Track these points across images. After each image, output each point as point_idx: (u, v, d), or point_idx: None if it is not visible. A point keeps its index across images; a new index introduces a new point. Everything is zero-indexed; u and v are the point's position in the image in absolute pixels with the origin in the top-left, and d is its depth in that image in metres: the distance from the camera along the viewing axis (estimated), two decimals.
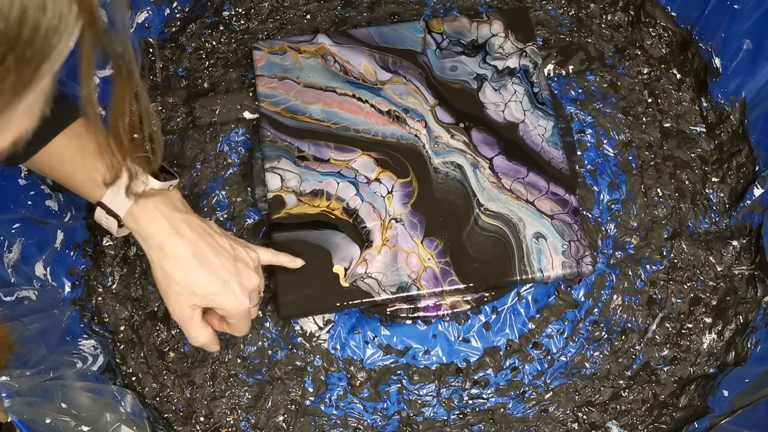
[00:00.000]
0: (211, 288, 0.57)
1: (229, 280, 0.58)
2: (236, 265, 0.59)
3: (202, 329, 0.60)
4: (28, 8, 0.26)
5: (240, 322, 0.61)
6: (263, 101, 0.70)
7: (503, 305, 0.71)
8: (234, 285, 0.58)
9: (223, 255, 0.58)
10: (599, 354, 0.70)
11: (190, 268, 0.57)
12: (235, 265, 0.59)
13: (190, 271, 0.57)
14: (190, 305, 0.58)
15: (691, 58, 0.78)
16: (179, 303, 0.58)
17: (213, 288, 0.57)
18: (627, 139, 0.76)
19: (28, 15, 0.26)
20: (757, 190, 0.72)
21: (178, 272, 0.57)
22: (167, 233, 0.57)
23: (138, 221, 0.57)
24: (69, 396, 0.57)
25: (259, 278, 0.61)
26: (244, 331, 0.63)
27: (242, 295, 0.59)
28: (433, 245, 0.66)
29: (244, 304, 0.59)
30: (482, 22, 0.74)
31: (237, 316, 0.60)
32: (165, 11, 0.78)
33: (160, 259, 0.57)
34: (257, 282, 0.60)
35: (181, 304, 0.58)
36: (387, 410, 0.68)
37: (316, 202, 0.67)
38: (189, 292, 0.57)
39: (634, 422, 0.68)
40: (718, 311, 0.71)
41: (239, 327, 0.62)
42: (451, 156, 0.69)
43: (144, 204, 0.57)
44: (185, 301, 0.58)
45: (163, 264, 0.57)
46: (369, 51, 0.73)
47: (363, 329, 0.70)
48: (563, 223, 0.67)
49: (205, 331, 0.60)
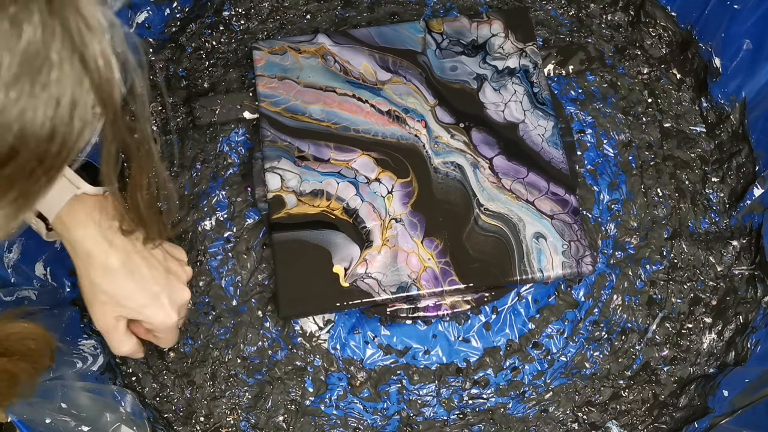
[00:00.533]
0: (139, 300, 0.56)
1: (159, 293, 0.56)
2: (168, 278, 0.57)
3: (126, 339, 0.58)
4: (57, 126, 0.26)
5: (167, 335, 0.60)
6: (263, 101, 0.70)
7: (503, 305, 0.71)
8: (164, 298, 0.57)
9: (155, 267, 0.57)
10: (599, 354, 0.70)
11: (119, 278, 0.55)
12: (166, 277, 0.57)
13: (118, 281, 0.55)
14: (115, 316, 0.56)
15: (691, 58, 0.78)
16: (104, 313, 0.56)
17: (141, 300, 0.56)
18: (627, 139, 0.76)
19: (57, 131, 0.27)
20: (757, 190, 0.72)
21: (106, 282, 0.55)
22: (96, 242, 0.54)
23: (67, 226, 0.54)
24: (69, 396, 0.57)
25: (189, 293, 0.59)
26: (170, 344, 0.62)
27: (171, 309, 0.57)
28: (433, 245, 0.66)
29: (172, 319, 0.58)
30: (482, 22, 0.74)
31: (164, 330, 0.59)
32: (165, 11, 0.78)
33: (87, 268, 0.54)
34: (188, 296, 0.59)
35: (106, 315, 0.56)
36: (387, 410, 0.68)
37: (316, 202, 0.67)
38: (116, 303, 0.55)
39: (634, 422, 0.68)
40: (718, 311, 0.71)
41: (165, 340, 0.61)
42: (451, 156, 0.69)
43: (74, 209, 0.54)
44: (110, 312, 0.56)
45: (90, 273, 0.54)
46: (369, 51, 0.73)
47: (363, 329, 0.70)
48: (563, 223, 0.67)
49: (129, 341, 0.59)
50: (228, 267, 0.71)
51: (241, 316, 0.70)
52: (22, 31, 0.25)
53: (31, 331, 0.46)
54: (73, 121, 0.27)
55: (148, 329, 0.60)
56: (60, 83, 0.26)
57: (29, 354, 0.45)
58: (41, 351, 0.47)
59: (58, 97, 0.26)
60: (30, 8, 0.25)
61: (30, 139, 0.26)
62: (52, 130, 0.26)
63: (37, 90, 0.25)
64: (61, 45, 0.26)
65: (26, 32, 0.25)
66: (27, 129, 0.26)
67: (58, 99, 0.26)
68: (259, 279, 0.71)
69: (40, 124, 0.26)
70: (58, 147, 0.27)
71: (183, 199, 0.73)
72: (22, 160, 0.26)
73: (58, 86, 0.26)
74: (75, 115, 0.27)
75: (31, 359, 0.46)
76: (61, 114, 0.26)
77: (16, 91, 0.25)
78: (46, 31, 0.25)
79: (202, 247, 0.71)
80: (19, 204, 0.28)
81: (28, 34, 0.25)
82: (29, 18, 0.25)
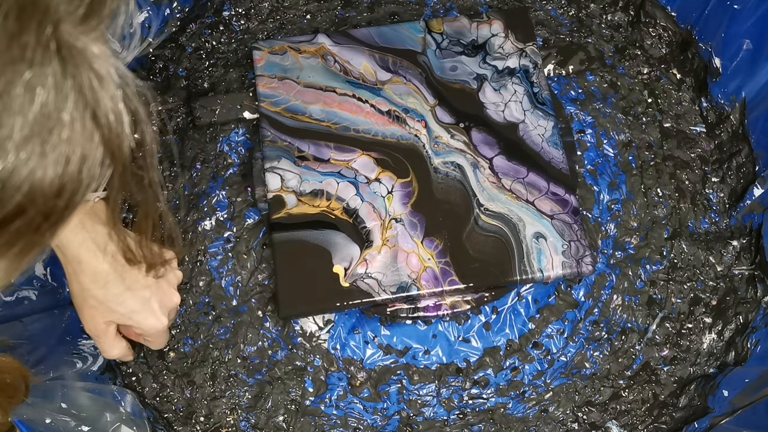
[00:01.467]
0: (129, 305, 0.56)
1: (149, 298, 0.57)
2: (158, 283, 0.57)
3: (116, 343, 0.58)
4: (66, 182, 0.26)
5: (158, 338, 0.60)
6: (263, 101, 0.70)
7: (503, 305, 0.71)
8: (154, 303, 0.57)
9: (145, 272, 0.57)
10: (599, 354, 0.70)
11: (109, 283, 0.54)
12: (156, 282, 0.57)
13: (108, 287, 0.54)
14: (105, 320, 0.56)
15: (691, 58, 0.78)
16: (93, 318, 0.56)
17: (132, 306, 0.56)
18: (627, 139, 0.76)
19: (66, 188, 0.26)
20: (757, 190, 0.72)
21: (96, 287, 0.54)
22: (87, 247, 0.54)
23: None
24: (69, 396, 0.57)
25: (179, 297, 0.60)
26: (160, 346, 0.62)
27: (161, 314, 0.57)
28: (433, 245, 0.66)
29: (162, 323, 0.58)
30: (482, 22, 0.74)
31: (156, 334, 0.59)
32: (165, 11, 0.78)
33: (77, 273, 0.54)
34: (177, 300, 0.59)
35: (95, 319, 0.56)
36: (387, 410, 0.68)
37: (316, 202, 0.67)
38: (106, 308, 0.55)
39: (634, 422, 0.68)
40: (718, 311, 0.71)
41: (156, 342, 0.61)
42: (451, 156, 0.69)
43: None
44: (100, 317, 0.56)
45: (80, 278, 0.54)
46: (369, 51, 0.73)
47: (363, 329, 0.70)
48: (563, 223, 0.67)
49: (119, 345, 0.59)
50: (228, 267, 0.71)
51: (241, 316, 0.70)
52: (35, 95, 0.24)
53: (7, 365, 0.45)
54: (81, 176, 0.27)
55: (137, 332, 0.61)
56: (71, 142, 0.26)
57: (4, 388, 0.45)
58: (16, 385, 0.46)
59: (68, 155, 0.26)
60: (45, 72, 0.24)
61: (38, 197, 0.26)
62: (60, 187, 0.26)
63: (48, 150, 0.25)
64: (74, 106, 0.25)
65: (39, 96, 0.24)
66: (36, 187, 0.25)
67: (68, 157, 0.26)
68: (259, 279, 0.71)
69: (50, 183, 0.25)
70: (65, 202, 0.27)
71: (183, 199, 0.73)
72: (29, 217, 0.26)
73: (69, 145, 0.26)
74: (84, 170, 0.27)
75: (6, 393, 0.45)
76: (70, 171, 0.26)
77: (26, 152, 0.25)
78: (59, 94, 0.25)
79: (202, 247, 0.71)
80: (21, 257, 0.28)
81: (42, 97, 0.24)
82: (43, 82, 0.24)
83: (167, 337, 0.62)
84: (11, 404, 0.47)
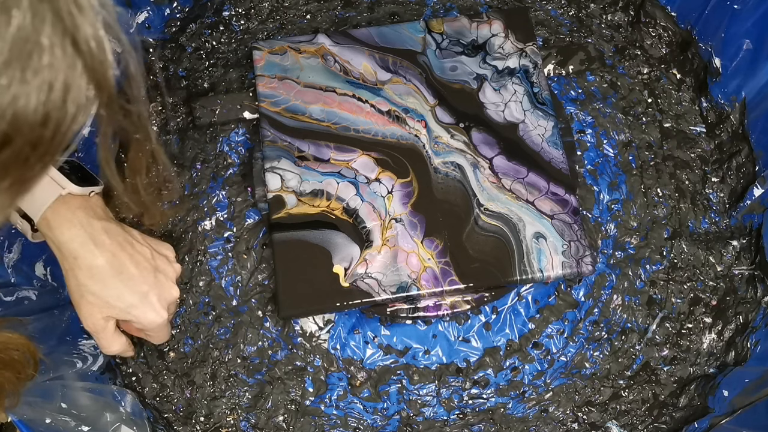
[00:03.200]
0: (127, 300, 0.55)
1: (148, 292, 0.56)
2: (156, 277, 0.57)
3: (115, 339, 0.58)
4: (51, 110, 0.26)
5: (158, 333, 0.60)
6: (263, 101, 0.70)
7: (503, 305, 0.71)
8: (152, 297, 0.56)
9: (143, 266, 0.56)
10: (599, 354, 0.70)
11: (106, 279, 0.54)
12: (155, 276, 0.57)
13: (105, 282, 0.54)
14: (103, 316, 0.56)
15: (691, 58, 0.78)
16: (92, 314, 0.56)
17: (130, 300, 0.55)
18: (627, 139, 0.76)
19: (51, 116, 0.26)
20: (757, 190, 0.72)
21: (93, 283, 0.54)
22: (82, 242, 0.53)
23: (52, 227, 0.53)
24: (69, 396, 0.57)
25: (178, 290, 0.59)
26: (162, 341, 0.62)
27: (161, 308, 0.57)
28: (433, 245, 0.66)
29: (162, 317, 0.57)
30: (482, 22, 0.74)
31: (155, 329, 0.58)
32: (165, 11, 0.78)
33: (74, 269, 0.54)
34: (177, 294, 0.59)
35: (93, 315, 0.56)
36: (387, 410, 0.68)
37: (316, 202, 0.67)
38: (104, 303, 0.55)
39: (634, 422, 0.68)
40: (718, 311, 0.71)
41: (157, 337, 0.61)
42: (451, 156, 0.69)
43: (59, 209, 0.53)
44: (99, 312, 0.55)
45: (77, 274, 0.54)
46: (369, 51, 0.73)
47: (363, 329, 0.70)
48: (563, 223, 0.67)
49: (119, 341, 0.58)
50: (228, 267, 0.71)
51: (241, 316, 0.70)
52: (11, 17, 0.24)
53: (14, 341, 0.45)
54: (66, 105, 0.27)
55: (139, 328, 0.60)
56: (52, 68, 0.26)
57: (13, 364, 0.45)
58: (25, 361, 0.46)
59: (50, 82, 0.26)
60: None
61: (23, 125, 0.26)
62: (45, 115, 0.26)
63: (29, 76, 0.25)
64: (52, 29, 0.25)
65: (15, 18, 0.24)
66: (20, 115, 0.25)
67: (51, 84, 0.26)
68: (259, 279, 0.71)
69: (33, 110, 0.26)
70: (51, 132, 0.27)
71: (183, 199, 0.73)
72: (16, 147, 0.26)
73: (51, 71, 0.26)
74: (68, 99, 0.27)
75: (14, 369, 0.45)
76: (54, 99, 0.26)
77: (7, 77, 0.25)
78: (36, 16, 0.25)
79: (202, 247, 0.71)
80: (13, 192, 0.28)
81: (18, 19, 0.24)
82: (18, 3, 0.24)
83: (169, 331, 0.61)
84: (20, 380, 0.47)
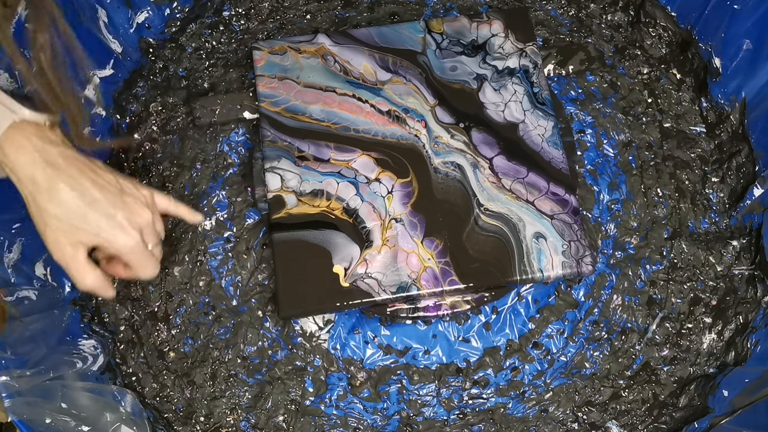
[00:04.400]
0: (93, 221, 0.53)
1: (115, 213, 0.53)
2: (123, 199, 0.54)
3: (88, 270, 0.54)
4: None
5: (139, 260, 0.56)
6: (263, 101, 0.70)
7: (503, 305, 0.71)
8: (120, 218, 0.54)
9: (107, 189, 0.54)
10: (599, 354, 0.70)
11: (67, 201, 0.52)
12: (121, 198, 0.54)
13: (67, 204, 0.52)
14: (71, 242, 0.53)
15: (691, 58, 0.78)
16: (58, 241, 0.53)
17: (95, 221, 0.53)
18: (627, 139, 0.76)
19: None
20: (757, 190, 0.72)
21: (54, 206, 0.52)
22: (40, 166, 0.52)
23: (6, 153, 0.52)
24: (69, 396, 0.57)
25: (152, 214, 0.56)
26: (148, 271, 0.57)
27: (131, 229, 0.54)
28: (433, 245, 0.66)
29: (134, 239, 0.54)
30: (482, 22, 0.74)
31: (132, 253, 0.55)
32: (165, 11, 0.78)
33: (33, 194, 0.52)
34: (149, 217, 0.56)
35: (59, 242, 0.53)
36: (387, 410, 0.68)
37: (316, 202, 0.67)
38: (69, 226, 0.52)
39: (634, 422, 0.68)
40: (718, 311, 0.71)
41: (140, 266, 0.57)
42: (451, 156, 0.69)
43: (13, 136, 0.52)
44: (65, 238, 0.53)
45: (37, 198, 0.52)
46: (369, 51, 0.73)
47: (363, 329, 0.70)
48: (563, 223, 0.67)
49: (92, 272, 0.55)
50: (228, 267, 0.71)
51: (241, 316, 0.70)
52: None
53: None
54: None
55: (124, 266, 0.58)
56: None
57: None
58: None
59: None
60: None
61: None
62: None
63: None
64: None
65: None
66: None
67: None
68: (259, 279, 0.71)
69: None
70: None
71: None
72: None
73: None
74: None
75: None
76: None
77: None
78: None
79: (202, 247, 0.71)
80: None
81: None
82: None
83: (154, 263, 0.57)
84: None
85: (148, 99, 0.76)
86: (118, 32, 0.74)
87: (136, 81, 0.76)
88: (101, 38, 0.72)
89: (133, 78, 0.76)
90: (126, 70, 0.76)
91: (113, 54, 0.74)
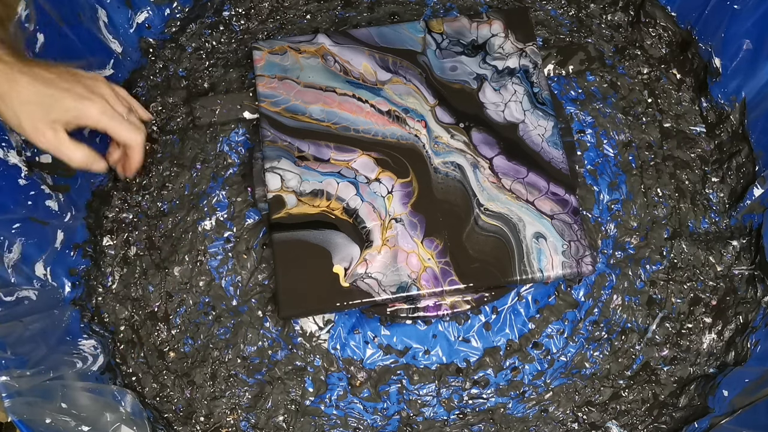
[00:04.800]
0: (57, 96, 0.57)
1: (73, 87, 0.58)
2: (74, 75, 0.59)
3: (75, 146, 0.59)
4: None
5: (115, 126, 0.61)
6: (263, 101, 0.70)
7: (503, 305, 0.71)
8: (80, 90, 0.58)
9: (59, 70, 0.58)
10: (599, 354, 0.70)
11: (28, 86, 0.56)
12: (75, 77, 0.59)
13: (29, 89, 0.56)
14: (47, 124, 0.57)
15: (691, 58, 0.78)
16: (36, 127, 0.57)
17: (60, 96, 0.57)
18: (627, 139, 0.76)
19: None
20: (757, 190, 0.72)
21: (17, 93, 0.56)
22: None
23: None
24: (69, 396, 0.57)
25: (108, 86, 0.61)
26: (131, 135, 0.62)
27: (93, 95, 0.59)
28: (433, 245, 0.66)
29: (100, 102, 0.59)
30: (482, 22, 0.74)
31: (104, 117, 0.60)
32: (165, 11, 0.78)
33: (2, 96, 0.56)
34: (106, 87, 0.61)
35: (38, 128, 0.57)
36: (387, 410, 0.68)
37: (316, 202, 0.67)
38: (38, 107, 0.56)
39: (634, 422, 0.68)
40: (718, 311, 0.71)
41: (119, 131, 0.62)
42: (451, 156, 0.69)
43: None
44: (40, 121, 0.57)
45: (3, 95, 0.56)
46: (369, 51, 0.73)
47: (363, 329, 0.70)
48: (563, 223, 0.67)
49: (80, 149, 0.59)
50: (228, 267, 0.71)
51: (241, 316, 0.70)
52: None
53: None
54: None
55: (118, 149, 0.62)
56: None
57: None
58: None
59: None
60: None
61: None
62: None
63: None
64: None
65: None
66: None
67: None
68: (259, 279, 0.71)
69: None
70: None
71: (183, 199, 0.73)
72: None
73: None
74: None
75: None
76: None
77: None
78: None
79: (202, 247, 0.71)
80: None
81: None
82: None
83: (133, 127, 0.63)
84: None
85: (148, 99, 0.76)
86: (118, 32, 0.74)
87: (136, 81, 0.76)
88: (101, 38, 0.72)
89: (133, 78, 0.76)
90: (126, 70, 0.76)
91: (113, 54, 0.74)
